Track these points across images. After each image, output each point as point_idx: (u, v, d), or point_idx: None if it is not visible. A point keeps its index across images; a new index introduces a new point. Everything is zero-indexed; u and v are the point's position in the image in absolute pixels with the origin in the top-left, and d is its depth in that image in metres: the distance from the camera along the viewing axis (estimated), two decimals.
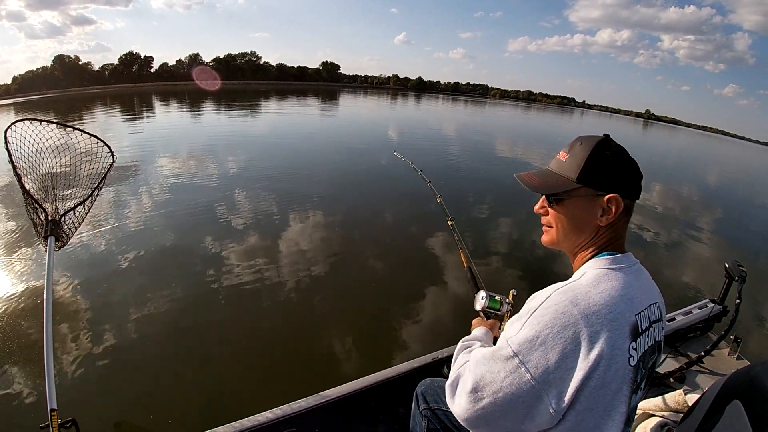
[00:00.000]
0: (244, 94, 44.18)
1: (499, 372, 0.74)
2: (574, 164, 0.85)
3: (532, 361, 0.71)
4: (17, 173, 1.70)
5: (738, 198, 12.38)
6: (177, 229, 5.14)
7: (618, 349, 0.71)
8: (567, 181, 0.85)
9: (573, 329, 0.70)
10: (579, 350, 0.69)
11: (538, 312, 0.74)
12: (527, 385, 0.71)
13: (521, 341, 0.73)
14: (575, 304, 0.71)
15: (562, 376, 0.70)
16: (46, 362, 1.36)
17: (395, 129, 18.99)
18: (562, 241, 0.90)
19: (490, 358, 0.77)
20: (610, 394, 0.72)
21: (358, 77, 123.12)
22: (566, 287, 0.76)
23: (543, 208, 0.92)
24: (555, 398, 0.70)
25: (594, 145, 0.85)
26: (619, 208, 0.84)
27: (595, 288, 0.74)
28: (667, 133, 59.65)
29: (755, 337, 3.81)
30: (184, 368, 2.84)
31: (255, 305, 3.63)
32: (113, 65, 77.31)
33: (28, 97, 42.10)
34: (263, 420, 1.50)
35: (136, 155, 9.37)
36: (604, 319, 0.70)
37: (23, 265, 4.07)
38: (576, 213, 0.86)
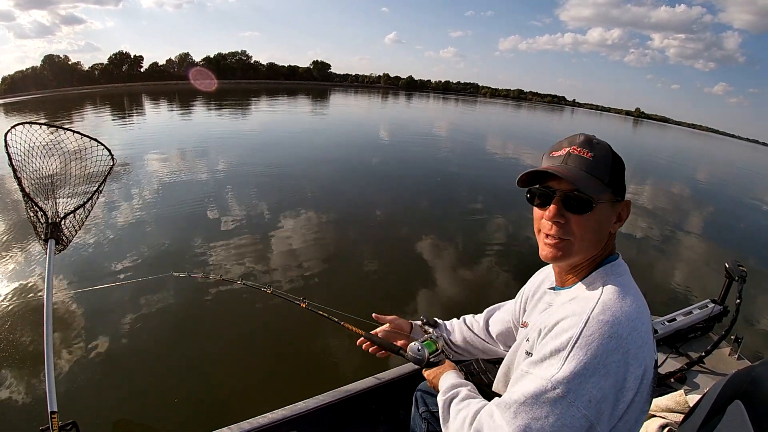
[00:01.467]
0: (234, 93, 44.11)
1: (547, 417, 0.66)
2: (603, 164, 0.77)
3: (584, 396, 0.65)
4: (17, 176, 1.71)
5: (736, 197, 12.37)
6: (174, 230, 5.14)
7: (653, 355, 0.72)
8: (601, 184, 0.76)
9: (622, 351, 0.66)
10: (628, 369, 0.67)
11: (582, 341, 0.67)
12: (581, 421, 0.65)
13: (569, 378, 0.65)
14: (619, 324, 0.68)
15: (615, 399, 0.67)
16: (47, 365, 1.36)
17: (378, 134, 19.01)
18: (578, 254, 0.79)
19: (533, 404, 0.67)
20: (645, 398, 0.72)
21: (349, 76, 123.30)
22: (600, 309, 0.70)
23: (561, 216, 0.77)
24: (605, 424, 0.67)
25: (610, 146, 0.80)
26: (628, 215, 0.82)
27: (625, 302, 0.72)
28: (658, 132, 59.81)
29: (756, 337, 3.81)
30: (184, 371, 2.84)
31: (254, 307, 3.63)
32: (103, 65, 76.95)
33: (17, 97, 41.74)
34: (264, 422, 1.50)
35: (128, 155, 9.31)
36: (643, 332, 0.70)
37: (23, 268, 4.07)
38: (602, 221, 0.78)
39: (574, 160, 0.78)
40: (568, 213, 0.77)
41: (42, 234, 1.68)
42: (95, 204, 1.91)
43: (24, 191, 1.70)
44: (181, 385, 2.72)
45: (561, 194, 0.77)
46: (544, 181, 0.81)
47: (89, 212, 1.88)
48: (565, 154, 0.79)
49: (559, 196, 0.77)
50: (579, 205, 0.76)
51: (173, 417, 2.44)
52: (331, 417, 1.65)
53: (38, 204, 1.70)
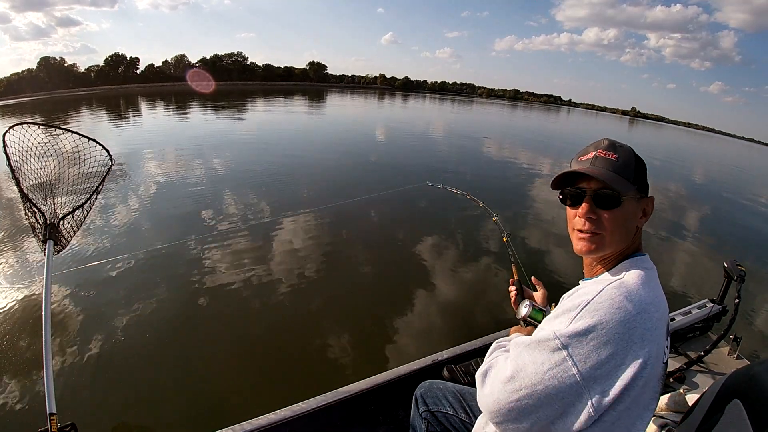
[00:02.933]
0: (231, 94, 44.13)
1: (543, 363, 0.71)
2: (627, 165, 0.85)
3: (581, 355, 0.69)
4: (15, 177, 1.69)
5: (734, 197, 12.41)
6: (172, 233, 5.14)
7: (661, 348, 0.73)
8: (627, 182, 0.83)
9: (628, 325, 0.69)
10: (631, 347, 0.69)
11: (591, 306, 0.72)
12: (571, 380, 0.69)
13: (571, 334, 0.70)
14: (630, 300, 0.71)
15: (610, 372, 0.69)
16: (45, 366, 1.35)
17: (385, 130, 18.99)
18: (609, 247, 0.85)
19: (535, 347, 0.74)
20: (649, 392, 0.73)
21: (345, 77, 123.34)
22: (618, 283, 0.75)
23: (593, 212, 0.84)
24: (597, 396, 0.69)
25: (632, 148, 0.88)
26: (653, 210, 0.88)
27: (645, 287, 0.75)
28: (654, 131, 60.02)
29: (754, 337, 3.82)
30: (184, 373, 2.84)
31: (252, 309, 3.63)
32: (99, 67, 76.45)
33: (13, 99, 41.45)
34: (263, 423, 1.50)
35: (124, 157, 9.33)
36: (654, 319, 0.72)
37: (22, 269, 4.06)
38: (629, 216, 0.84)
39: (601, 161, 0.85)
40: (599, 209, 0.84)
41: (40, 235, 1.67)
42: (94, 204, 1.90)
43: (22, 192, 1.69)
44: (180, 386, 2.72)
45: (591, 192, 0.85)
46: (575, 183, 0.88)
47: (88, 213, 1.87)
48: (592, 157, 0.87)
49: (590, 195, 0.85)
50: (609, 201, 0.83)
51: (172, 418, 2.44)
52: (330, 418, 1.65)
53: (36, 205, 1.69)
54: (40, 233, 1.67)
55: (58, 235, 1.69)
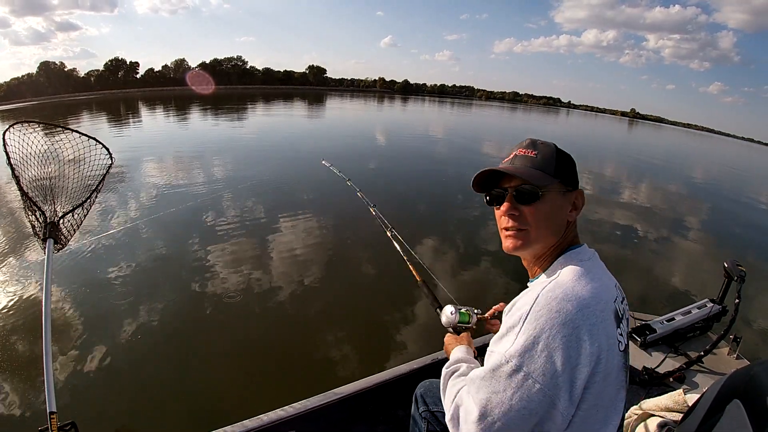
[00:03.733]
0: (231, 98, 44.18)
1: (505, 391, 0.70)
2: (547, 159, 0.86)
3: (537, 369, 0.68)
4: (15, 175, 1.69)
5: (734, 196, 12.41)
6: (173, 234, 5.15)
7: (612, 338, 0.73)
8: (547, 176, 0.84)
9: (572, 326, 0.69)
10: (581, 345, 0.69)
11: (531, 316, 0.71)
12: (539, 395, 0.68)
13: (521, 351, 0.70)
14: (567, 301, 0.71)
15: (570, 376, 0.69)
16: (45, 365, 1.35)
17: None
18: (536, 242, 0.86)
19: (492, 378, 0.72)
20: (613, 385, 0.74)
21: (345, 80, 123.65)
22: (551, 286, 0.74)
23: (515, 209, 0.85)
24: (566, 401, 0.69)
25: (554, 144, 0.89)
26: (583, 203, 0.89)
27: (580, 282, 0.75)
28: (653, 132, 60.02)
29: (755, 337, 3.82)
30: (183, 371, 2.84)
31: (252, 309, 3.63)
32: (99, 71, 76.92)
33: (13, 104, 41.36)
34: (263, 422, 1.49)
35: (124, 161, 9.32)
36: (597, 311, 0.71)
37: (22, 268, 4.06)
38: (554, 209, 0.85)
39: (520, 159, 0.88)
40: (520, 205, 0.85)
41: (40, 233, 1.67)
42: (94, 203, 1.90)
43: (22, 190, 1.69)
44: (180, 385, 2.72)
45: (512, 189, 0.86)
46: (498, 185, 0.90)
47: (88, 211, 1.87)
48: (512, 156, 0.89)
49: (511, 192, 0.86)
50: (528, 196, 0.84)
51: (172, 416, 2.44)
52: (330, 417, 1.65)
53: (36, 203, 1.69)
54: (40, 232, 1.67)
55: (58, 233, 1.69)
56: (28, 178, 1.76)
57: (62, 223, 1.72)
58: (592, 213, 7.63)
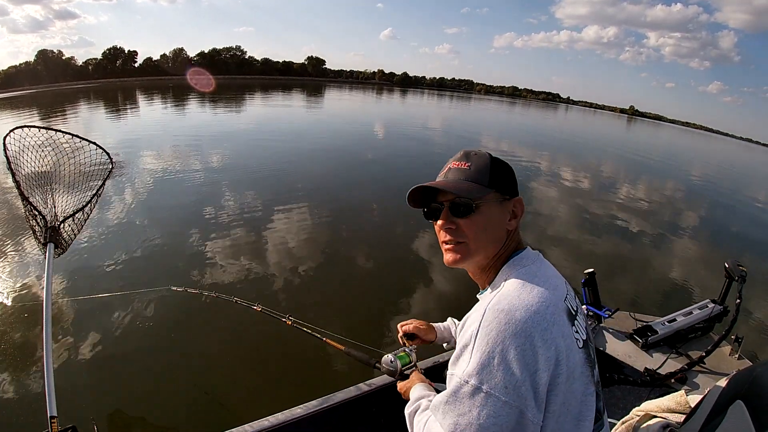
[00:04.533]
0: (229, 88, 44.12)
1: (470, 411, 0.69)
2: (481, 170, 0.86)
3: (498, 383, 0.67)
4: (16, 180, 1.70)
5: (733, 196, 12.42)
6: (172, 232, 5.14)
7: (568, 338, 0.73)
8: (481, 187, 0.84)
9: (523, 335, 0.68)
10: (537, 352, 0.68)
11: (482, 332, 0.70)
12: (506, 409, 0.67)
13: (478, 369, 0.69)
14: (515, 310, 0.70)
15: (532, 383, 0.68)
16: (46, 369, 1.35)
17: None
18: (476, 254, 0.85)
19: (455, 401, 0.71)
20: (579, 382, 0.74)
21: (344, 72, 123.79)
22: (496, 299, 0.74)
23: (451, 222, 0.85)
24: (533, 409, 0.68)
25: (489, 154, 0.89)
26: (523, 211, 0.89)
27: (525, 289, 0.75)
28: (652, 130, 59.99)
29: (756, 337, 3.81)
30: (185, 375, 2.83)
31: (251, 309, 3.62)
32: (97, 60, 76.54)
33: (10, 92, 41.09)
34: (263, 426, 1.49)
35: (123, 153, 9.32)
36: (547, 315, 0.71)
37: (23, 272, 4.06)
38: (491, 220, 0.84)
39: (453, 172, 0.87)
40: (456, 218, 0.85)
41: (41, 238, 1.68)
42: (94, 207, 1.91)
43: (23, 195, 1.69)
44: (181, 388, 2.72)
45: (447, 203, 0.86)
46: (435, 199, 0.89)
47: (88, 216, 1.88)
48: (447, 170, 0.89)
49: (447, 206, 0.86)
50: (463, 208, 0.84)
51: (171, 422, 2.44)
52: (331, 420, 1.64)
53: (37, 208, 1.70)
54: (41, 236, 1.68)
55: (58, 238, 1.69)
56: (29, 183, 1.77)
57: (63, 228, 1.73)
58: (591, 212, 7.64)
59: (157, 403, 2.58)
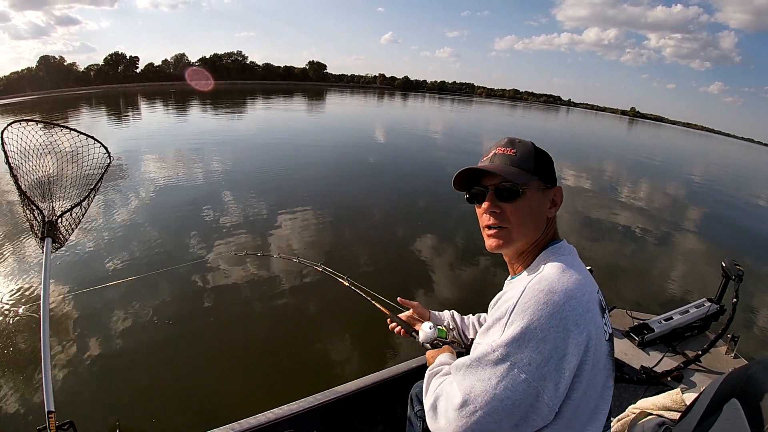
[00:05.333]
0: (231, 93, 44.09)
1: (489, 379, 0.70)
2: (526, 157, 0.86)
3: (524, 359, 0.69)
4: (14, 174, 1.69)
5: (732, 196, 12.43)
6: (172, 231, 5.14)
7: (598, 327, 0.74)
8: (526, 173, 0.84)
9: (559, 316, 0.69)
10: (569, 336, 0.69)
11: (519, 307, 0.72)
12: (522, 386, 0.69)
13: (508, 342, 0.70)
14: (554, 292, 0.72)
15: (557, 366, 0.69)
16: (44, 364, 1.35)
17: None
18: (518, 240, 0.86)
19: (477, 366, 0.73)
20: (602, 371, 0.75)
21: (345, 76, 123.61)
22: (537, 279, 0.75)
23: (496, 206, 0.86)
24: (551, 392, 0.69)
25: (533, 143, 0.90)
26: (562, 200, 0.90)
27: (564, 275, 0.76)
28: (653, 131, 59.94)
29: (752, 336, 3.83)
30: (182, 371, 2.84)
31: (250, 307, 3.63)
32: (99, 66, 76.60)
33: (12, 98, 41.44)
34: (261, 421, 1.50)
35: (124, 156, 9.34)
36: (583, 302, 0.73)
37: (20, 267, 4.05)
38: (534, 206, 0.85)
39: (499, 158, 0.88)
40: (501, 203, 0.86)
41: (38, 232, 1.67)
42: (92, 202, 1.90)
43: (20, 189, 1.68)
44: (177, 384, 2.72)
45: (493, 187, 0.86)
46: (479, 183, 0.90)
47: (86, 210, 1.87)
48: (492, 155, 0.89)
49: (492, 190, 0.86)
50: (509, 193, 0.85)
51: (170, 416, 2.44)
52: (328, 416, 1.65)
53: (35, 202, 1.69)
54: (38, 231, 1.67)
55: (56, 232, 1.69)
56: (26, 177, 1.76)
57: (60, 222, 1.72)
58: (590, 211, 7.64)
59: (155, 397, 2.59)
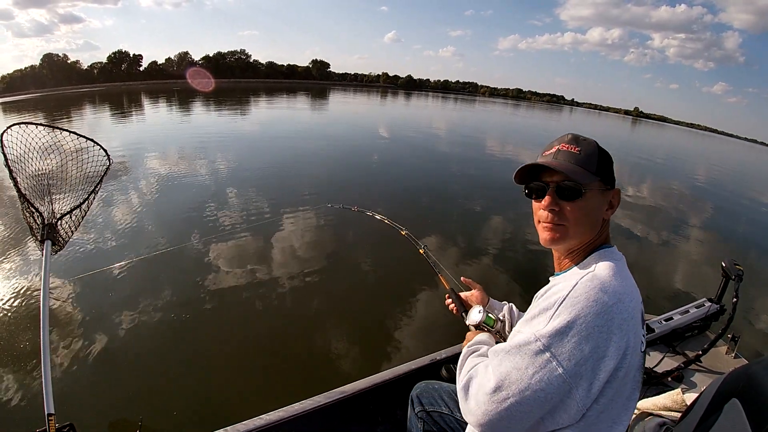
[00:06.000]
0: (234, 92, 44.20)
1: (527, 368, 0.70)
2: (590, 156, 0.85)
3: (564, 353, 0.68)
4: (13, 177, 1.69)
5: (733, 196, 12.43)
6: (172, 232, 5.13)
7: (638, 336, 0.74)
8: (589, 173, 0.83)
9: (606, 317, 0.69)
10: (611, 338, 0.69)
11: (568, 301, 0.71)
12: (558, 380, 0.68)
13: (552, 333, 0.69)
14: (605, 292, 0.71)
15: (594, 366, 0.69)
16: (43, 367, 1.35)
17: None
18: (574, 238, 0.86)
19: (516, 353, 0.72)
20: (631, 382, 0.74)
21: (348, 75, 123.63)
22: (590, 276, 0.75)
23: (555, 204, 0.85)
24: (584, 391, 0.69)
25: (596, 141, 0.88)
26: (619, 202, 0.89)
27: (617, 278, 0.75)
28: (656, 131, 59.87)
29: (753, 336, 3.82)
30: (182, 373, 2.83)
31: (251, 309, 3.63)
32: (102, 64, 76.65)
33: (16, 96, 41.46)
34: (261, 423, 1.50)
35: (127, 155, 9.34)
36: (630, 308, 0.72)
37: (20, 269, 4.05)
38: (593, 207, 0.84)
39: (563, 155, 0.86)
40: (562, 201, 0.84)
41: (38, 235, 1.67)
42: (92, 204, 1.90)
43: (20, 192, 1.69)
44: (179, 386, 2.72)
45: (554, 185, 0.85)
46: (539, 177, 0.88)
47: (86, 213, 1.87)
48: (555, 150, 0.88)
49: (553, 187, 0.85)
50: (570, 192, 0.83)
51: (170, 418, 2.44)
52: (329, 418, 1.65)
53: (34, 205, 1.69)
54: (38, 233, 1.67)
55: (55, 235, 1.69)
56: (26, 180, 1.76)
57: (60, 225, 1.72)
58: None
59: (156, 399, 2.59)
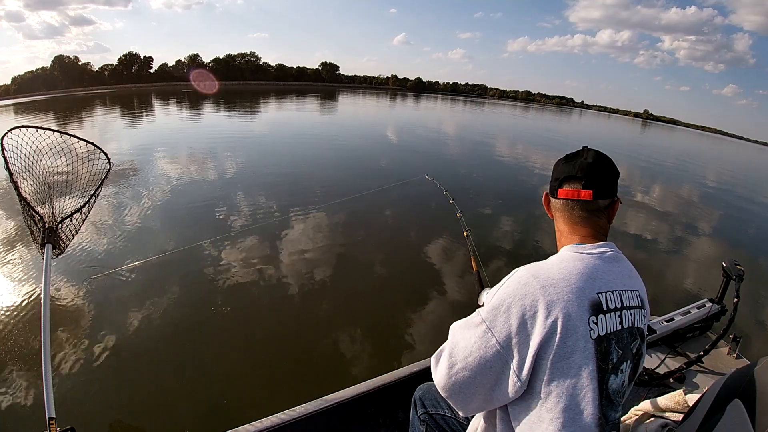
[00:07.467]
0: (243, 94, 44.35)
1: (470, 338, 0.82)
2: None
3: (497, 326, 0.79)
4: (14, 180, 1.69)
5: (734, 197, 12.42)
6: (177, 232, 5.14)
7: (575, 320, 0.75)
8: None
9: (532, 297, 0.77)
10: (536, 317, 0.75)
11: (504, 284, 0.83)
12: (493, 349, 0.79)
13: (489, 309, 0.81)
14: (535, 277, 0.80)
15: (523, 341, 0.76)
16: (44, 370, 1.35)
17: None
18: None
19: (464, 326, 0.86)
20: (575, 368, 0.74)
21: (357, 77, 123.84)
22: (531, 264, 0.85)
23: None
24: (518, 365, 0.76)
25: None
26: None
27: (557, 266, 0.82)
28: (666, 133, 59.76)
29: (754, 336, 3.82)
30: (184, 375, 2.83)
31: (255, 311, 3.62)
32: (113, 66, 77.13)
33: (27, 97, 41.94)
34: (263, 426, 1.50)
35: (136, 156, 9.39)
36: (560, 291, 0.77)
37: (20, 273, 4.04)
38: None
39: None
40: None
41: (39, 239, 1.67)
42: (92, 208, 1.91)
43: (21, 196, 1.69)
44: (181, 390, 2.72)
45: None
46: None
47: (86, 216, 1.87)
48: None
49: None
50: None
51: (173, 421, 2.44)
52: (331, 420, 1.65)
53: (35, 208, 1.69)
54: (39, 237, 1.68)
55: (56, 238, 1.69)
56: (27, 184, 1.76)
57: (61, 228, 1.72)
58: None
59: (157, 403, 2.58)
